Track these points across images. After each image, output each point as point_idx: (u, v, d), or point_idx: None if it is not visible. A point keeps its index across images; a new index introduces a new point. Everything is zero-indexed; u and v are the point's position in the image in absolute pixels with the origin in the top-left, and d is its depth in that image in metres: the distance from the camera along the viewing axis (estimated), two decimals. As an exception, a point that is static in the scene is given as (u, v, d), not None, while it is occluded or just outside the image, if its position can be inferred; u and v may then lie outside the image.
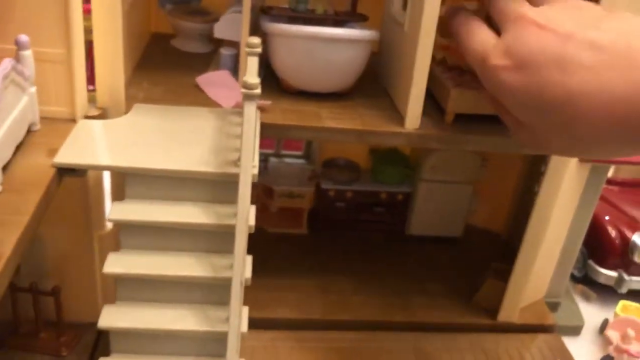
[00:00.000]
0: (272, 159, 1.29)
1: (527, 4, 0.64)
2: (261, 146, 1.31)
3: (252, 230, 0.68)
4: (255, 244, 1.22)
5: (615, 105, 0.53)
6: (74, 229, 0.88)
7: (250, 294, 1.07)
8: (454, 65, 0.96)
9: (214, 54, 1.07)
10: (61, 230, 0.88)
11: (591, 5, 0.61)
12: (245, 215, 0.63)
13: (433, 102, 0.93)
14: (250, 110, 0.65)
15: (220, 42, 1.04)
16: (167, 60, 1.03)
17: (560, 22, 0.58)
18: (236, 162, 0.70)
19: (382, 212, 1.26)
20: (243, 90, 0.65)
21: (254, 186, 1.23)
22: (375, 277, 1.17)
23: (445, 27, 0.94)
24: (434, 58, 0.94)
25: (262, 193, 1.25)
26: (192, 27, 1.07)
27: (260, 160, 1.28)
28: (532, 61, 0.58)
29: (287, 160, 1.30)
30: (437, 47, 0.94)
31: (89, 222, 0.88)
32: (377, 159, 1.26)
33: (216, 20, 1.00)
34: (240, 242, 0.63)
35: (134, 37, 0.97)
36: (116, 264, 0.69)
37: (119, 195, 0.73)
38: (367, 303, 1.10)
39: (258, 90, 0.65)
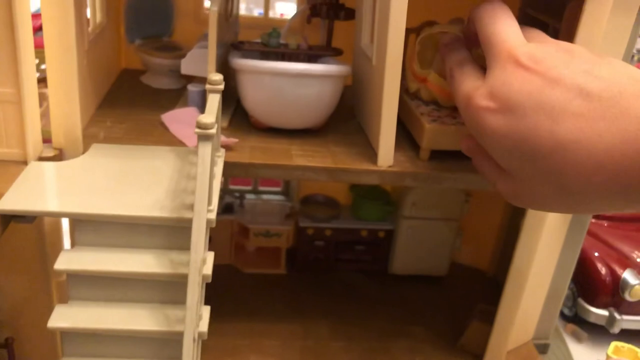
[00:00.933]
0: (249, 196, 1.25)
1: (518, 36, 0.61)
2: (238, 182, 1.29)
3: (209, 280, 0.63)
4: (231, 285, 1.18)
5: (605, 156, 0.50)
6: (29, 277, 0.84)
7: (225, 340, 1.03)
8: (429, 99, 0.92)
9: (185, 90, 1.04)
10: (16, 278, 0.83)
11: (583, 49, 0.58)
12: (198, 265, 0.58)
13: (409, 137, 0.90)
14: (205, 152, 0.61)
15: (192, 78, 1.01)
16: (134, 97, 1.00)
17: (549, 64, 0.55)
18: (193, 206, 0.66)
19: (363, 251, 1.22)
20: (197, 130, 0.61)
21: (230, 225, 1.21)
22: (356, 320, 1.11)
23: (423, 58, 0.91)
24: (407, 90, 0.92)
25: (237, 232, 1.21)
26: (161, 63, 1.04)
27: (236, 198, 1.24)
28: (518, 105, 0.55)
29: (265, 196, 1.26)
30: (413, 77, 0.91)
31: (46, 269, 0.83)
32: (357, 195, 1.22)
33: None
34: (193, 294, 0.58)
35: (98, 73, 0.94)
36: (62, 317, 0.64)
37: (77, 240, 0.69)
38: (347, 349, 1.05)
39: (213, 130, 0.61)
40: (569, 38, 0.82)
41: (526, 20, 0.99)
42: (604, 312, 1.16)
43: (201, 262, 0.60)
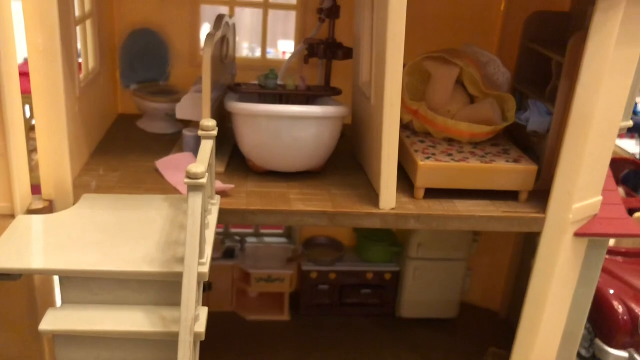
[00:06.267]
0: (250, 240, 1.21)
1: None
2: (239, 226, 1.26)
3: (202, 338, 0.60)
4: (233, 334, 1.14)
5: None
6: (20, 332, 0.80)
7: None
8: (421, 130, 0.90)
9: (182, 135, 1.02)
10: (6, 335, 0.79)
11: None
12: (189, 324, 0.55)
13: (406, 174, 0.86)
14: (195, 203, 0.58)
15: (189, 122, 0.99)
16: (129, 143, 0.98)
17: None
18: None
19: (369, 294, 1.18)
20: (186, 180, 0.58)
21: (231, 271, 1.18)
22: (364, 367, 1.07)
23: (412, 88, 0.90)
24: (401, 121, 0.89)
25: (239, 278, 1.17)
26: (157, 108, 1.02)
27: (237, 242, 1.20)
28: None
29: (267, 239, 1.23)
30: (404, 109, 0.89)
31: (37, 324, 0.80)
32: (362, 236, 1.18)
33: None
34: (184, 355, 0.54)
35: (92, 120, 0.92)
36: (47, 382, 0.60)
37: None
38: (354, 398, 1.00)
39: (204, 180, 0.58)
40: (574, 71, 0.79)
41: (528, 54, 0.97)
42: (623, 354, 1.11)
43: (192, 321, 0.56)
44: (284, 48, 2.44)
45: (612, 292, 1.14)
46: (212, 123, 0.71)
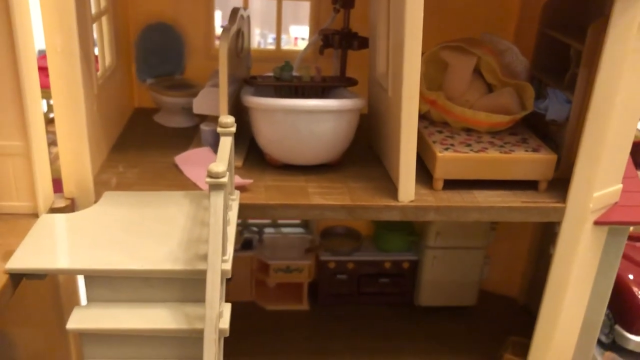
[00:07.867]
0: (268, 230, 1.22)
1: None
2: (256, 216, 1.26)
3: (226, 334, 0.61)
4: (252, 324, 1.15)
5: None
6: (46, 329, 0.82)
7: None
8: (439, 120, 0.90)
9: (199, 128, 1.02)
10: (32, 331, 0.81)
11: None
12: (214, 322, 0.56)
13: (424, 165, 0.86)
14: (217, 201, 0.59)
15: (205, 115, 0.99)
16: (147, 139, 0.98)
17: None
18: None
19: (388, 283, 1.18)
20: (207, 179, 0.58)
21: (249, 262, 1.18)
22: (383, 356, 1.07)
23: (429, 78, 0.89)
24: (418, 112, 0.89)
25: (257, 268, 1.18)
26: (174, 102, 1.02)
27: (255, 233, 1.21)
28: None
29: (284, 230, 1.23)
30: (421, 99, 0.88)
31: (62, 323, 0.81)
32: (379, 226, 1.18)
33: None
34: (209, 353, 0.55)
35: (110, 116, 0.92)
36: (76, 379, 0.61)
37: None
38: (375, 387, 1.01)
39: (225, 179, 0.59)
40: (593, 59, 0.78)
41: (545, 41, 0.96)
42: (643, 340, 1.11)
43: (217, 318, 0.57)
44: (296, 33, 2.42)
45: (631, 277, 1.14)
46: (230, 120, 0.71)
